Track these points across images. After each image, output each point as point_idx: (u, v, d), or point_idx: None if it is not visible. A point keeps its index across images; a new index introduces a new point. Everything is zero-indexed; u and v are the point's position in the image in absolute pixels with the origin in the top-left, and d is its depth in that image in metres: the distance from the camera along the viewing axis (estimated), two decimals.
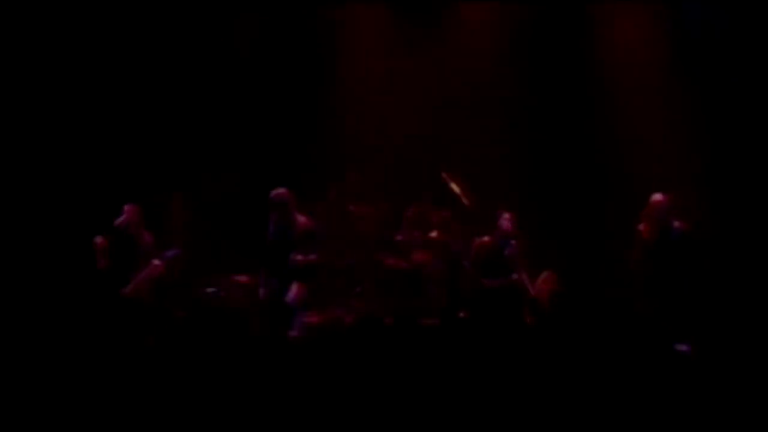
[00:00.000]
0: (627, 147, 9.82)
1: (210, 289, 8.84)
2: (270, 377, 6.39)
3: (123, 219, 8.07)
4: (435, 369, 6.50)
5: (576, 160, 10.07)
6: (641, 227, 7.84)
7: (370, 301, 9.28)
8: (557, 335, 7.96)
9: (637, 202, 8.13)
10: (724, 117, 9.62)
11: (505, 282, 8.41)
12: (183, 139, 9.91)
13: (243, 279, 8.88)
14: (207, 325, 8.07)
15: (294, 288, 7.72)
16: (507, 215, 8.64)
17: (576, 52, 10.11)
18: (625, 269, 8.00)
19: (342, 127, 10.12)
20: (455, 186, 9.57)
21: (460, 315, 8.61)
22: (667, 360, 7.05)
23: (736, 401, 5.94)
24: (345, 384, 6.23)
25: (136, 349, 7.27)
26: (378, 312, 8.93)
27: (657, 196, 7.85)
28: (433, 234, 9.48)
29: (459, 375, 6.41)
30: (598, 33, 10.10)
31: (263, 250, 7.91)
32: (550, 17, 10.14)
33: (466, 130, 10.13)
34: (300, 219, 7.88)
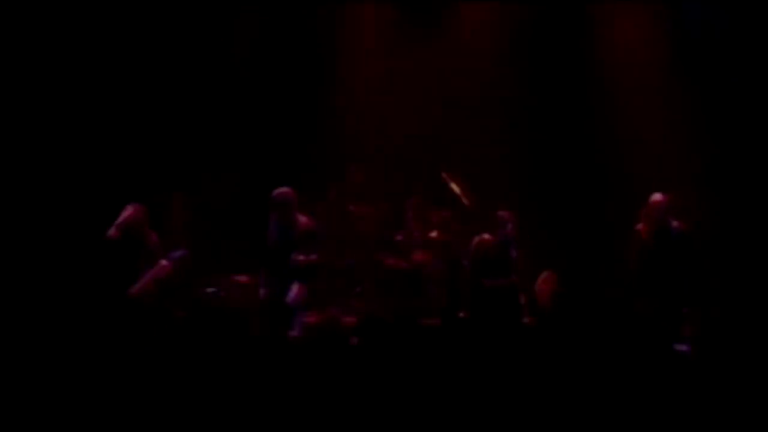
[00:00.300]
0: (627, 147, 9.82)
1: (210, 289, 8.85)
2: (270, 377, 6.39)
3: (124, 218, 8.03)
4: (435, 369, 6.51)
5: (576, 160, 10.08)
6: (640, 227, 7.86)
7: (370, 301, 9.29)
8: (557, 335, 7.97)
9: (637, 202, 8.13)
10: (724, 117, 9.62)
11: (505, 282, 8.39)
12: (183, 139, 9.92)
13: (243, 279, 8.88)
14: (207, 325, 8.07)
15: (295, 288, 7.72)
16: (507, 214, 8.64)
17: (576, 52, 10.11)
18: (625, 269, 7.99)
19: (342, 127, 10.12)
20: (455, 186, 9.57)
21: (460, 315, 8.62)
22: (667, 360, 7.05)
23: (736, 401, 5.95)
24: (345, 384, 6.23)
25: (136, 349, 7.27)
26: (378, 312, 8.95)
27: (656, 196, 7.85)
28: (433, 234, 9.49)
29: (459, 375, 6.42)
30: (598, 33, 10.10)
31: (264, 250, 7.91)
32: (550, 17, 10.14)
33: (466, 130, 10.14)
34: (301, 219, 7.88)
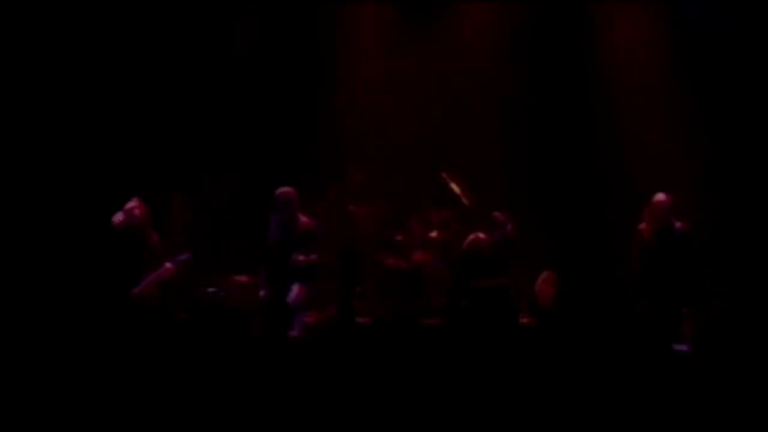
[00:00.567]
0: (627, 147, 9.81)
1: (210, 289, 8.84)
2: (270, 377, 6.40)
3: (125, 218, 8.01)
4: (435, 369, 6.51)
5: (576, 160, 10.07)
6: (642, 227, 7.80)
7: (370, 301, 9.28)
8: (557, 335, 7.96)
9: (637, 202, 8.12)
10: (724, 117, 9.62)
11: (496, 283, 8.23)
12: (183, 139, 9.91)
13: (243, 279, 8.88)
14: (207, 326, 8.07)
15: (295, 288, 7.71)
16: (502, 215, 8.63)
17: (576, 52, 10.10)
18: (626, 269, 7.97)
19: (342, 127, 10.12)
20: (455, 186, 9.57)
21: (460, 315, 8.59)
22: (667, 360, 7.05)
23: (736, 401, 5.95)
24: (345, 384, 6.23)
25: (138, 350, 7.27)
26: (378, 312, 8.94)
27: (659, 195, 7.78)
28: (433, 234, 9.49)
29: (459, 375, 6.42)
30: (598, 33, 10.08)
31: (264, 249, 7.90)
32: (550, 17, 10.13)
33: (466, 130, 10.13)
34: (302, 219, 7.88)
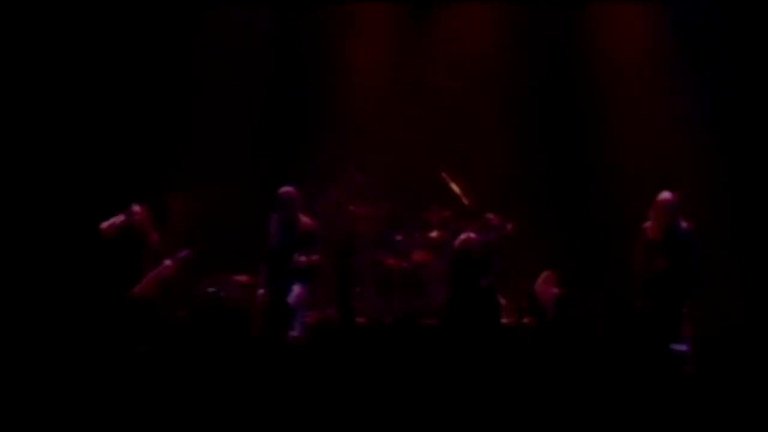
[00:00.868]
0: (627, 147, 9.81)
1: (210, 289, 8.84)
2: (270, 377, 6.39)
3: (126, 218, 8.02)
4: (435, 369, 6.51)
5: (576, 160, 10.07)
6: (647, 225, 7.71)
7: (370, 301, 9.28)
8: (557, 335, 7.96)
9: (637, 201, 8.10)
10: (724, 117, 9.62)
11: (485, 283, 8.13)
12: (184, 139, 9.91)
13: (243, 279, 8.88)
14: (207, 325, 8.07)
15: (296, 289, 7.71)
16: (494, 217, 8.64)
17: (576, 52, 10.11)
18: (628, 268, 7.92)
19: (342, 127, 10.12)
20: (455, 186, 9.56)
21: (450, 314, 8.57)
22: (667, 360, 7.05)
23: (736, 401, 5.95)
24: (345, 384, 6.23)
25: (138, 350, 7.27)
26: (378, 312, 8.94)
27: (665, 194, 7.61)
28: (433, 234, 9.49)
29: (459, 375, 6.42)
30: (598, 33, 10.09)
31: (264, 249, 7.90)
32: (550, 17, 10.14)
33: (465, 130, 10.13)
34: (303, 219, 7.87)
